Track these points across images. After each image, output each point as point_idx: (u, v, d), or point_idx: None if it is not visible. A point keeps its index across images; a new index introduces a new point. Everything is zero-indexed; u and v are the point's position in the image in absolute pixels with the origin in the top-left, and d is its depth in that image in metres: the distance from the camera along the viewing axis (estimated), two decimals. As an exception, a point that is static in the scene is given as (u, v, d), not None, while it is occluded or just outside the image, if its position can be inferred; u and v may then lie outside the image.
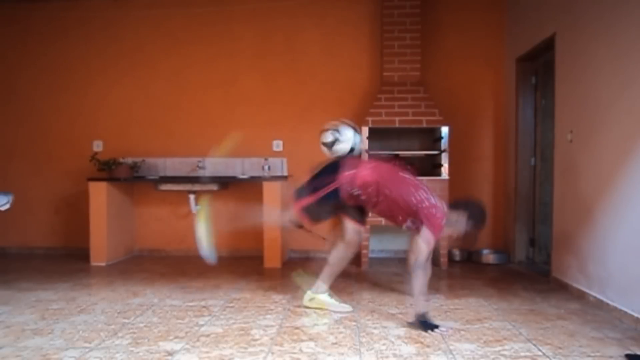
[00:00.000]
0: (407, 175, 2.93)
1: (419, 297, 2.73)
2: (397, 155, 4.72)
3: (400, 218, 2.89)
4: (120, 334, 2.59)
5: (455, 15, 4.96)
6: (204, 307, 3.12)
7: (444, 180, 4.39)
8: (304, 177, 3.13)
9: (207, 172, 5.07)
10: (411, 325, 2.72)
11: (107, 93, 5.20)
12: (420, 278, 2.72)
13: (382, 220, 4.36)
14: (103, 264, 4.58)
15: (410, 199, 2.79)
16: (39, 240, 5.28)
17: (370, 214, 3.31)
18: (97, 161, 4.73)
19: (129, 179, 4.82)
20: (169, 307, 3.11)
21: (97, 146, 5.18)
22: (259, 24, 5.07)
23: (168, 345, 2.42)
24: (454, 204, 2.87)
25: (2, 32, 5.30)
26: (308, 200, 2.99)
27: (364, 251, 4.45)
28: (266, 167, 4.70)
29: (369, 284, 3.76)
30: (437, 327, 2.64)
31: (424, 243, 2.72)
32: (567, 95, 3.63)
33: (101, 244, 4.61)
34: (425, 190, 2.83)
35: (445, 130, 4.39)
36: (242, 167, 5.07)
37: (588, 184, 3.29)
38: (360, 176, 2.90)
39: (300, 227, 4.99)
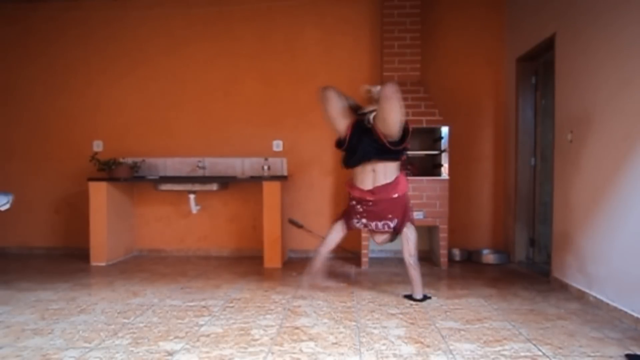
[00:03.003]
0: None
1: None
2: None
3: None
4: (120, 334, 2.59)
5: (455, 15, 4.96)
6: (204, 307, 3.12)
7: (444, 180, 4.38)
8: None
9: (207, 172, 5.07)
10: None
11: (107, 93, 5.21)
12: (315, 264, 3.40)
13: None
14: (103, 264, 4.58)
15: None
16: (39, 240, 5.28)
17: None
18: (97, 161, 4.73)
19: (129, 179, 4.82)
20: (169, 307, 3.11)
21: (97, 146, 5.18)
22: (258, 24, 5.07)
23: (168, 345, 2.42)
24: None
25: (3, 32, 5.30)
26: None
27: (364, 251, 4.45)
28: (266, 167, 4.70)
29: (369, 283, 3.76)
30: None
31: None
32: (567, 95, 3.63)
33: (101, 244, 4.61)
34: None
35: (445, 130, 4.39)
36: (242, 167, 5.07)
37: (588, 184, 3.29)
38: None
39: (300, 227, 5.03)
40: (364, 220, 3.28)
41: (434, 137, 4.69)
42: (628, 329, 2.67)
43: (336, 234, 3.37)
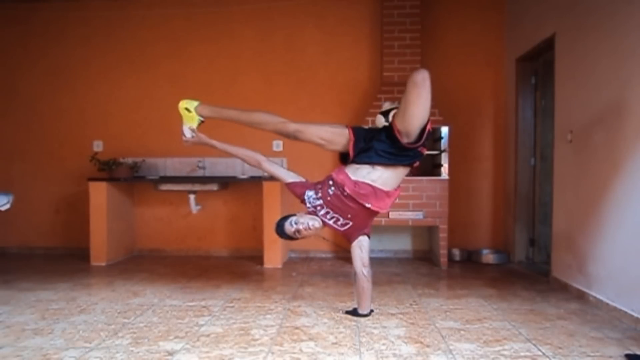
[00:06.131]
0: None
1: None
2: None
3: None
4: (120, 334, 2.59)
5: (455, 15, 4.96)
6: (204, 307, 3.12)
7: (443, 180, 4.39)
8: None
9: (207, 172, 5.07)
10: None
11: (108, 93, 5.20)
12: None
13: (382, 221, 4.39)
14: (103, 264, 4.58)
15: None
16: (39, 240, 5.28)
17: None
18: (97, 161, 4.73)
19: (129, 179, 4.82)
20: (169, 307, 3.11)
21: (97, 146, 5.18)
22: (259, 24, 5.07)
23: (168, 345, 2.42)
24: None
25: (3, 33, 5.29)
26: None
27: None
28: (266, 167, 4.69)
29: (369, 284, 3.76)
30: None
31: None
32: (567, 95, 3.63)
33: (101, 244, 4.61)
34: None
35: (445, 130, 4.39)
36: (242, 167, 5.07)
37: (588, 184, 3.29)
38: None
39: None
40: (319, 202, 2.79)
41: (434, 137, 4.68)
42: (628, 329, 2.68)
43: (256, 154, 3.17)
